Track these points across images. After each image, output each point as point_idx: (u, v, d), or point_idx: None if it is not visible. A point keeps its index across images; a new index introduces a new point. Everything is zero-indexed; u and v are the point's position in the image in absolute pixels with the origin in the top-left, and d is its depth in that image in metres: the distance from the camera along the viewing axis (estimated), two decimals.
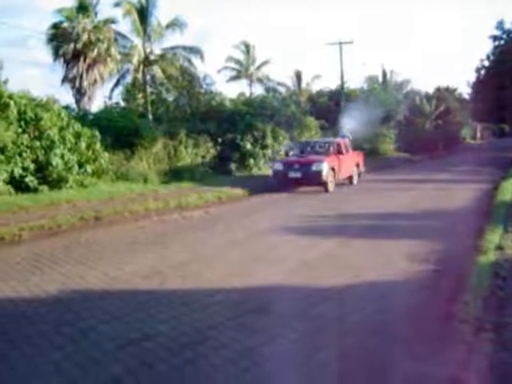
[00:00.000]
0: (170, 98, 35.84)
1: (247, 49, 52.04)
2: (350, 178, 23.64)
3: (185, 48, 37.85)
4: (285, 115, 31.52)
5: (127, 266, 9.19)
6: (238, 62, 52.62)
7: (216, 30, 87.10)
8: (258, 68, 52.67)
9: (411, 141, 47.08)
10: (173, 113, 31.12)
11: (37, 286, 8.05)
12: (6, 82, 31.38)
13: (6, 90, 17.65)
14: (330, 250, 10.39)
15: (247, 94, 49.31)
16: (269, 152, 28.48)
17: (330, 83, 53.80)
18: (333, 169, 21.12)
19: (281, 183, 21.26)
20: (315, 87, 55.82)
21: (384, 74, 59.73)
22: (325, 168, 20.48)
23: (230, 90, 52.55)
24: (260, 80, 52.38)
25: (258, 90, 50.92)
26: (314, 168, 20.52)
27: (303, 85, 56.57)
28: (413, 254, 9.63)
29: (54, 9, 34.94)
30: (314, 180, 20.66)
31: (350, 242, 10.97)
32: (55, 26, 34.30)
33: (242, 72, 52.46)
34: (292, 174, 20.81)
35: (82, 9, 34.57)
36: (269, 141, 28.27)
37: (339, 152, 22.41)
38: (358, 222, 13.79)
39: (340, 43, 41.61)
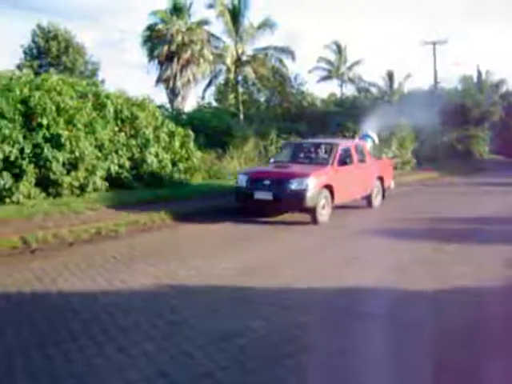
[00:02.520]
0: (262, 98, 36.09)
1: (338, 49, 51.67)
2: (368, 197, 16.49)
3: (276, 48, 37.94)
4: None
5: (220, 262, 9.28)
6: (329, 62, 52.35)
7: (307, 30, 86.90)
8: (350, 68, 52.20)
9: (507, 143, 45.47)
10: (264, 113, 31.28)
11: (131, 279, 8.22)
12: (103, 82, 32.48)
13: (104, 89, 18.17)
14: None
15: (338, 95, 48.99)
16: None
17: (422, 83, 52.77)
18: (328, 187, 13.99)
19: (246, 206, 14.69)
20: (407, 87, 54.82)
21: (479, 74, 58.04)
22: (310, 186, 13.41)
23: (320, 91, 52.40)
24: (351, 80, 51.88)
25: (350, 91, 50.49)
26: (292, 186, 13.48)
27: (395, 85, 55.67)
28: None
29: (150, 11, 35.77)
30: (291, 204, 13.80)
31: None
32: (150, 28, 35.15)
33: (332, 72, 52.14)
34: (259, 195, 13.70)
35: (177, 11, 35.26)
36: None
37: (343, 161, 15.09)
38: None
39: (433, 43, 40.68)
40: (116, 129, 16.50)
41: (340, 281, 8.17)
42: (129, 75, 67.18)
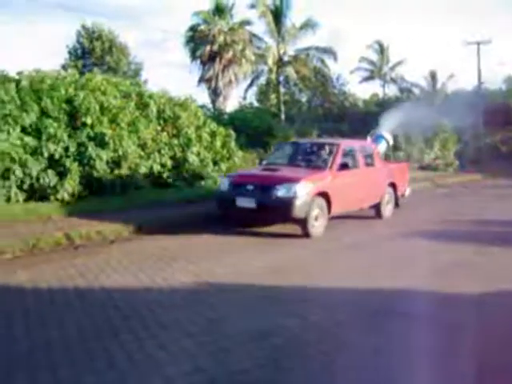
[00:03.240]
0: (303, 99, 36.08)
1: (381, 49, 51.29)
2: (377, 206, 14.35)
3: (318, 49, 37.95)
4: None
5: (256, 262, 9.34)
6: (371, 62, 52.02)
7: (349, 30, 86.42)
8: (392, 68, 51.79)
9: None
10: (305, 113, 31.26)
11: (172, 276, 8.31)
12: (146, 82, 32.86)
13: (147, 89, 18.39)
14: None
15: (380, 95, 48.67)
16: (401, 155, 27.90)
17: (466, 84, 52.07)
18: (323, 195, 12.06)
19: (228, 214, 12.95)
20: (451, 88, 54.14)
21: None
22: (300, 193, 11.48)
23: (362, 91, 52.17)
24: (394, 81, 51.49)
25: (392, 91, 50.11)
26: (278, 193, 11.57)
27: (438, 85, 55.03)
28: None
29: (192, 12, 36.11)
30: (277, 214, 11.96)
31: None
32: (193, 29, 35.46)
33: (375, 72, 51.80)
34: (242, 202, 11.86)
35: (219, 11, 35.48)
36: (401, 143, 27.68)
37: (344, 164, 12.97)
38: None
39: (477, 43, 40.06)
40: (158, 128, 16.66)
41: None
42: (171, 75, 67.79)
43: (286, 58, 37.89)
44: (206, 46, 34.45)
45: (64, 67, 31.02)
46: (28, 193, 13.12)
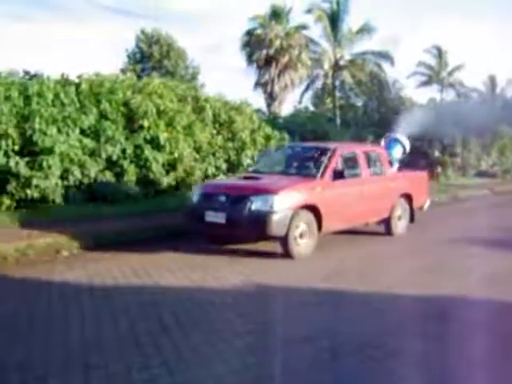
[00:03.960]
0: (359, 103, 35.84)
1: (439, 53, 50.65)
2: (386, 221, 12.52)
3: (374, 53, 37.73)
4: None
5: (309, 265, 9.43)
6: (429, 67, 51.41)
7: (406, 34, 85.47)
8: (450, 73, 51.06)
9: None
10: (361, 118, 31.02)
11: (224, 277, 8.41)
12: (202, 85, 33.19)
13: (203, 93, 18.60)
14: None
15: (438, 100, 48.01)
16: (458, 160, 27.46)
17: None
18: (311, 208, 10.28)
19: (198, 229, 11.04)
20: (510, 93, 53.00)
21: None
22: (278, 207, 9.72)
23: (419, 96, 51.68)
24: (452, 85, 50.73)
25: (449, 96, 49.39)
26: (252, 206, 9.81)
27: (497, 90, 54.00)
28: None
29: (249, 16, 36.36)
30: (250, 231, 10.15)
31: None
32: (249, 33, 35.67)
33: (432, 77, 51.15)
34: (211, 217, 10.11)
35: (275, 16, 35.61)
36: (458, 149, 27.24)
37: (340, 172, 10.93)
38: None
39: None
40: (214, 132, 16.83)
41: None
42: (227, 79, 68.19)
43: (342, 63, 37.77)
44: (262, 51, 34.61)
45: (123, 71, 31.59)
46: (86, 194, 13.46)
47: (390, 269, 9.40)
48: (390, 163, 13.18)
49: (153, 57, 36.69)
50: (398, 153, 14.08)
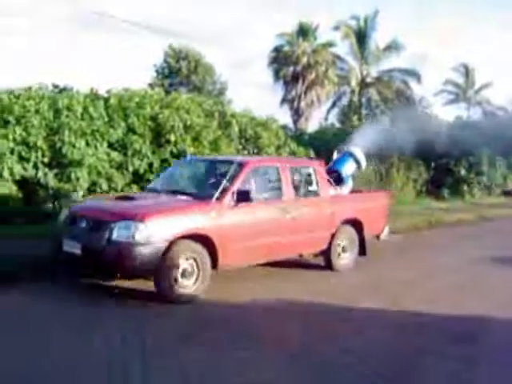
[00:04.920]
0: (385, 121, 35.79)
1: (466, 71, 50.42)
2: (326, 254, 10.30)
3: (401, 70, 37.73)
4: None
5: (344, 278, 9.53)
6: (456, 84, 51.18)
7: (434, 51, 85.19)
8: (478, 91, 50.76)
9: None
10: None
11: (250, 294, 8.44)
12: (229, 101, 33.41)
13: (230, 109, 18.76)
14: None
15: (464, 118, 47.76)
16: (484, 179, 27.27)
17: None
18: (202, 239, 8.12)
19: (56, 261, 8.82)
20: None
21: None
22: (143, 236, 7.54)
23: (446, 114, 51.29)
24: (479, 104, 50.44)
25: (477, 114, 49.09)
26: (112, 234, 7.68)
27: None
28: None
29: (276, 33, 36.61)
30: (110, 266, 7.88)
31: None
32: (277, 50, 35.91)
33: (459, 95, 50.92)
34: (68, 246, 8.13)
35: (303, 33, 35.84)
36: (484, 167, 27.06)
37: (247, 193, 8.53)
38: None
39: None
40: (240, 147, 16.97)
41: None
42: (254, 95, 68.52)
43: (368, 80, 37.85)
44: (289, 67, 34.85)
45: (151, 86, 31.95)
46: None
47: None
48: (340, 181, 11.26)
49: (181, 72, 37.01)
50: (350, 169, 11.84)
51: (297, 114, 35.51)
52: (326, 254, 10.26)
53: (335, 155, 12.36)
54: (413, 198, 23.52)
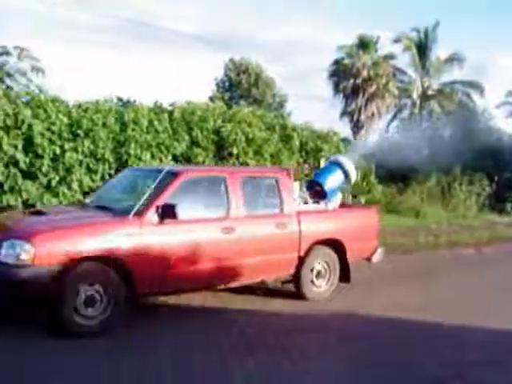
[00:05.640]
0: (446, 133, 35.34)
1: None
2: (295, 280, 9.00)
3: (463, 82, 37.22)
4: None
5: (403, 297, 9.35)
6: None
7: (496, 62, 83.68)
8: None
9: None
10: (449, 148, 30.59)
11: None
12: (289, 114, 33.60)
13: (290, 122, 18.91)
14: None
15: None
16: None
17: None
18: (114, 263, 6.90)
19: None
20: None
21: None
22: (29, 258, 6.41)
23: (509, 126, 50.23)
24: None
25: None
26: (0, 256, 6.52)
27: None
28: None
29: (336, 46, 36.63)
30: None
31: None
32: (337, 62, 35.90)
33: None
34: None
35: (363, 45, 35.72)
36: None
37: (168, 209, 7.23)
38: None
39: None
40: (300, 160, 17.09)
41: None
42: (314, 107, 68.60)
43: (429, 92, 37.44)
44: (349, 80, 34.76)
45: (211, 99, 32.38)
46: None
47: None
48: (323, 195, 9.83)
49: (241, 85, 37.40)
50: (334, 181, 10.12)
51: (357, 126, 35.37)
52: (296, 280, 8.92)
53: (322, 164, 11.16)
54: (475, 212, 23.17)
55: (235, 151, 14.84)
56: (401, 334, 7.33)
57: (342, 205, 10.35)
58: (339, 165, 10.34)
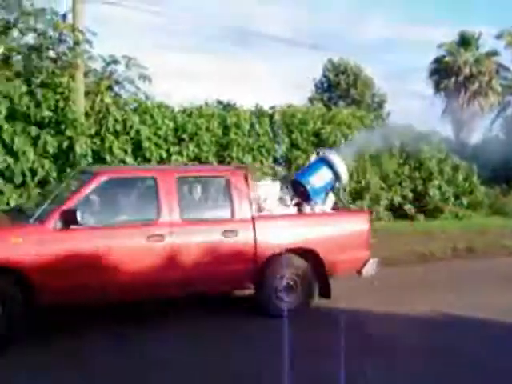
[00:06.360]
0: None
1: None
2: (256, 294, 7.72)
3: None
4: None
5: (494, 299, 9.19)
6: None
7: None
8: None
9: None
10: None
11: (410, 305, 8.51)
12: (388, 114, 33.33)
13: (390, 122, 18.86)
14: None
15: None
16: None
17: None
18: (12, 274, 6.22)
19: None
20: None
21: None
22: None
23: None
24: None
25: None
26: None
27: None
28: None
29: (437, 44, 35.99)
30: None
31: None
32: (437, 61, 35.29)
33: None
34: None
35: (464, 43, 34.98)
36: None
37: (69, 215, 6.35)
38: None
39: None
40: (400, 161, 17.02)
41: None
42: (414, 107, 67.50)
43: None
44: (450, 78, 34.11)
45: (311, 100, 32.55)
46: None
47: None
48: (307, 196, 8.33)
49: (339, 86, 37.32)
50: (319, 180, 8.48)
51: (458, 125, 34.67)
52: (257, 294, 7.72)
53: (313, 157, 9.33)
54: None
55: None
56: None
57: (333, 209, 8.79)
58: (327, 162, 8.64)
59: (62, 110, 11.90)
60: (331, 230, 8.06)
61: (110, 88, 13.99)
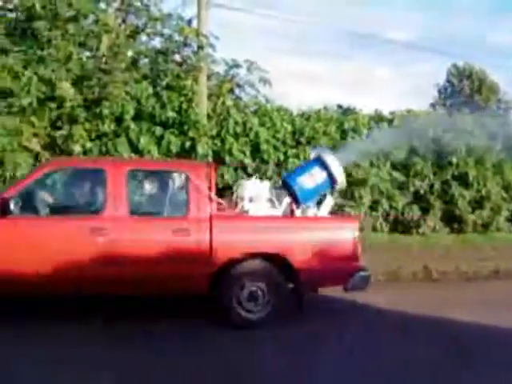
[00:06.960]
0: None
1: None
2: (225, 307, 6.98)
3: None
4: None
5: None
6: None
7: None
8: None
9: None
10: None
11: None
12: None
13: None
14: None
15: None
16: None
17: None
18: None
19: None
20: None
21: None
22: None
23: None
24: None
25: None
26: None
27: None
28: None
29: None
30: None
31: None
32: None
33: None
34: None
35: None
36: None
37: (5, 206, 6.42)
38: None
39: None
40: None
41: None
42: None
43: None
44: None
45: (433, 105, 31.95)
46: (392, 225, 14.17)
47: None
48: (295, 198, 7.75)
49: (463, 91, 36.41)
50: (310, 181, 7.80)
51: None
52: (217, 300, 7.03)
53: (312, 153, 8.54)
54: None
55: (454, 160, 14.68)
56: None
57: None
58: (321, 162, 7.91)
59: (185, 111, 12.52)
60: (308, 236, 7.27)
61: (231, 91, 14.44)
